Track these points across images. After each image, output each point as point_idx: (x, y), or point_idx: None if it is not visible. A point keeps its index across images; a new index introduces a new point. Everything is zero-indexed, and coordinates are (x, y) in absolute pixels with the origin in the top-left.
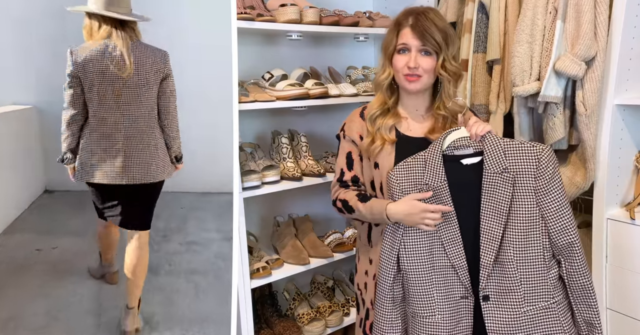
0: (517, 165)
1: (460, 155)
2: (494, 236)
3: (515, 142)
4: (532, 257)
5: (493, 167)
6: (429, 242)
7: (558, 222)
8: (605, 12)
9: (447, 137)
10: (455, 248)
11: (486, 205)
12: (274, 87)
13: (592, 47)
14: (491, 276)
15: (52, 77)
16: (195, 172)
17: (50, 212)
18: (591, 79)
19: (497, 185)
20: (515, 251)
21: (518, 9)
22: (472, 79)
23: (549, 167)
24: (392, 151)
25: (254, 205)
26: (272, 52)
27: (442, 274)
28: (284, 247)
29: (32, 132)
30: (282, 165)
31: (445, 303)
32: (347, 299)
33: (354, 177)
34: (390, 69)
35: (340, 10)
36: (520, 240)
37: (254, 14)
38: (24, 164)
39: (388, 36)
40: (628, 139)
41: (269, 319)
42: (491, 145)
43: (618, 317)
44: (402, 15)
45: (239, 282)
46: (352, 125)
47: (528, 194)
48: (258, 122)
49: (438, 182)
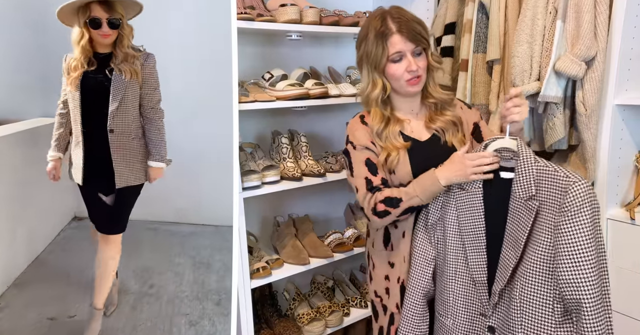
0: (544, 195)
1: (502, 167)
2: (508, 266)
3: (549, 167)
4: (538, 301)
5: (520, 192)
6: (454, 247)
7: (567, 272)
8: (605, 12)
9: (491, 144)
10: (478, 262)
11: (508, 230)
12: (274, 87)
13: (592, 47)
14: (499, 306)
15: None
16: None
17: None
18: (591, 79)
19: (520, 213)
20: (521, 288)
21: (518, 9)
22: (472, 79)
23: (576, 203)
24: (405, 156)
25: (254, 205)
26: (272, 52)
27: (463, 283)
28: (284, 247)
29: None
30: (282, 165)
31: (462, 312)
32: (347, 299)
33: (383, 179)
34: (382, 81)
35: (340, 10)
36: (528, 279)
37: (254, 14)
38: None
39: (374, 49)
40: (628, 139)
41: (269, 319)
42: (522, 166)
43: (618, 317)
44: (379, 24)
45: (239, 282)
46: (359, 133)
47: (548, 229)
48: (258, 122)
49: (471, 188)
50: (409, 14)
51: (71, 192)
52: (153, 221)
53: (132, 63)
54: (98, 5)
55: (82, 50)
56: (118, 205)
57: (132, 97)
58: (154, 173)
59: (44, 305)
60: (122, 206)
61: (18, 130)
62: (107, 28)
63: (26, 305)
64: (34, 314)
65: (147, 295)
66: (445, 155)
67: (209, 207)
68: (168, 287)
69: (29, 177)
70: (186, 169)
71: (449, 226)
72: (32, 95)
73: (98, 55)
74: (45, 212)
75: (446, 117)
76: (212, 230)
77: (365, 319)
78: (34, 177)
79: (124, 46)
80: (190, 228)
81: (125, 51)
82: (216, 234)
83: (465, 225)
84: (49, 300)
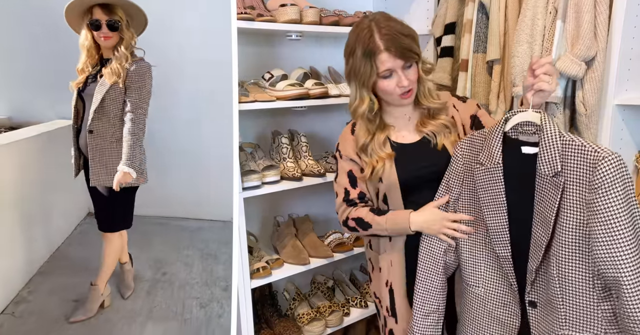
0: (571, 171)
1: (523, 142)
2: (540, 244)
3: (576, 141)
4: (577, 278)
5: (545, 169)
6: (477, 221)
7: (604, 249)
8: (605, 12)
9: (512, 119)
10: (500, 238)
11: (537, 208)
12: (274, 87)
13: (592, 47)
14: (536, 283)
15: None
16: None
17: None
18: (591, 79)
19: (547, 189)
20: (558, 267)
21: (518, 9)
22: (472, 79)
23: (607, 179)
24: (392, 167)
25: (254, 205)
26: (272, 52)
27: (492, 256)
28: (284, 247)
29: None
30: (282, 165)
31: (493, 282)
32: (347, 298)
33: (360, 193)
34: (369, 98)
35: (340, 10)
36: (564, 257)
37: (254, 14)
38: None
39: (362, 66)
40: (628, 139)
41: (269, 319)
42: (547, 141)
43: None
44: (367, 40)
45: (239, 282)
46: (347, 144)
47: (578, 206)
48: (258, 122)
49: (492, 163)
50: (398, 25)
51: (85, 190)
52: (163, 217)
53: (119, 67)
54: (99, 8)
55: (87, 53)
56: (100, 203)
57: (114, 101)
58: (119, 177)
59: (66, 290)
60: (104, 205)
61: (37, 132)
62: (107, 29)
63: (51, 290)
64: (58, 297)
65: (161, 282)
66: (433, 158)
67: (215, 204)
68: (179, 275)
69: (47, 177)
70: (193, 168)
71: (472, 202)
72: (49, 99)
73: (104, 60)
74: (63, 209)
75: (439, 121)
76: (219, 225)
77: (365, 318)
78: (52, 177)
79: (123, 50)
80: (198, 223)
81: (121, 56)
82: (223, 229)
83: (486, 202)
84: (70, 285)
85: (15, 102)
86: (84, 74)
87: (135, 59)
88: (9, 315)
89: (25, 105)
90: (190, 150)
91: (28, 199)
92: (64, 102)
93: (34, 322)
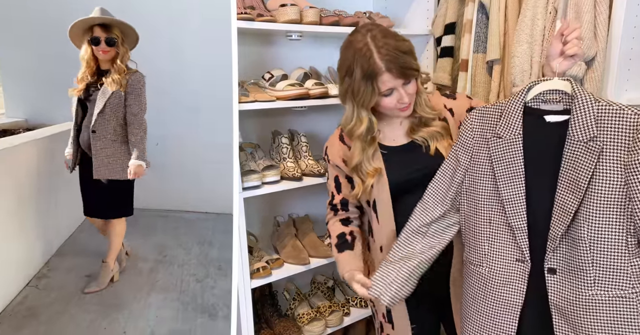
0: (608, 135)
1: (546, 111)
2: (568, 210)
3: (613, 105)
4: (611, 239)
5: (579, 134)
6: (486, 195)
7: None
8: (605, 12)
9: (535, 87)
10: (516, 209)
11: (564, 174)
12: (274, 87)
13: (592, 47)
14: (558, 249)
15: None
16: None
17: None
18: (591, 79)
19: (580, 155)
20: (590, 230)
21: (518, 9)
22: (472, 79)
23: None
24: (382, 172)
25: (254, 205)
26: (272, 52)
27: (498, 230)
28: (284, 247)
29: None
30: (282, 165)
31: (498, 259)
32: (347, 298)
33: (343, 200)
34: (368, 117)
35: (340, 11)
36: (597, 219)
37: (254, 14)
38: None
39: (362, 88)
40: None
41: (269, 319)
42: (582, 107)
43: None
44: (366, 61)
45: (239, 282)
46: (333, 150)
47: (616, 169)
48: (258, 122)
49: (512, 135)
50: (396, 42)
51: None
52: (164, 209)
53: (120, 77)
54: (99, 27)
55: (86, 65)
56: (105, 194)
57: (115, 106)
58: (134, 170)
59: (80, 268)
60: (109, 195)
61: (51, 133)
62: (105, 45)
63: (67, 268)
64: (74, 274)
65: (162, 263)
66: (424, 161)
67: (211, 198)
68: (178, 257)
69: (60, 173)
70: (190, 166)
71: (481, 176)
72: (62, 103)
73: (101, 71)
74: (75, 202)
75: (432, 128)
76: (213, 216)
77: (365, 318)
78: (64, 173)
79: (119, 63)
80: (196, 215)
81: (119, 68)
82: (217, 220)
83: (502, 174)
84: (83, 264)
85: (31, 105)
86: (83, 82)
87: (131, 71)
88: (33, 288)
89: (41, 108)
90: (190, 150)
91: (44, 192)
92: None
93: (55, 293)
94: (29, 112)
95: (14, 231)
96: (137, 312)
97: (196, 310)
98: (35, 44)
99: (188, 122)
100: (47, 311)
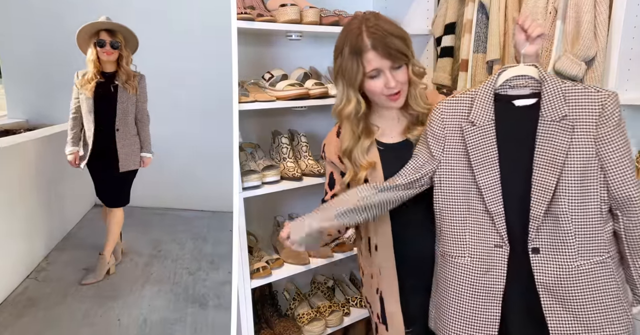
0: (577, 112)
1: (515, 96)
2: (547, 187)
3: (578, 86)
4: (588, 210)
5: (551, 114)
6: (462, 184)
7: (618, 173)
8: (605, 12)
9: (503, 74)
10: (493, 194)
11: (540, 154)
12: (274, 87)
13: (592, 47)
14: (541, 228)
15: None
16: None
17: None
18: (591, 79)
19: (554, 134)
20: (570, 203)
21: (518, 9)
22: (472, 79)
23: (615, 114)
24: (378, 167)
25: (254, 205)
26: (272, 52)
27: (476, 218)
28: (284, 247)
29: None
30: (282, 165)
31: (478, 247)
32: (347, 298)
33: (334, 196)
34: (356, 98)
35: (340, 10)
36: (575, 193)
37: (254, 14)
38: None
39: (349, 65)
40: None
41: (269, 319)
42: (551, 89)
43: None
44: (354, 38)
45: (239, 282)
46: (330, 147)
47: (587, 143)
48: (258, 122)
49: (484, 121)
50: (388, 26)
51: (91, 185)
52: (161, 208)
53: (133, 82)
54: (105, 32)
55: (93, 65)
56: (121, 184)
57: (131, 106)
58: (147, 161)
59: (78, 261)
60: (123, 185)
61: (50, 133)
62: (109, 47)
63: (65, 262)
64: (72, 267)
65: (157, 257)
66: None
67: (206, 196)
68: (173, 251)
69: (59, 171)
70: (187, 165)
71: (456, 166)
72: (62, 104)
73: (105, 73)
74: (73, 199)
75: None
76: (208, 214)
77: (365, 318)
78: (63, 171)
79: (124, 66)
80: (191, 213)
81: (127, 71)
82: (211, 218)
83: (477, 160)
84: (81, 258)
85: (32, 106)
86: (92, 81)
87: (138, 75)
88: (33, 280)
89: (41, 109)
90: (189, 150)
91: (44, 189)
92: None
93: (53, 285)
94: (30, 113)
95: (16, 226)
96: (131, 302)
97: (187, 300)
98: (37, 48)
99: (188, 122)
100: (46, 301)
